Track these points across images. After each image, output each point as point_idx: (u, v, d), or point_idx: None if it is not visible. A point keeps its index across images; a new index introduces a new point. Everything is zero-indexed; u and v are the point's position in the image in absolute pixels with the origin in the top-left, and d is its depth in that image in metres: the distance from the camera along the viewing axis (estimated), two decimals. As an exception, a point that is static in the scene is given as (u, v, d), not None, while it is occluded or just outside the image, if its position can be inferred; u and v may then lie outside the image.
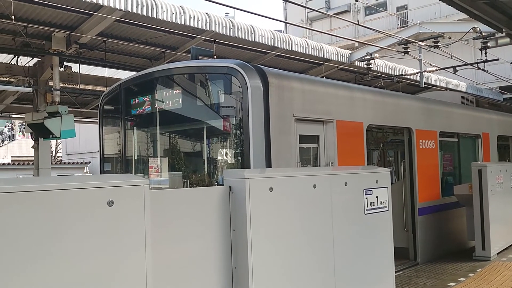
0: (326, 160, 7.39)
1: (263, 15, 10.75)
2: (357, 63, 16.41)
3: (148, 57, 13.17)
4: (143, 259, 3.35)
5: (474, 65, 16.36)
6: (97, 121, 8.62)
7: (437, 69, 16.70)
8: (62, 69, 11.93)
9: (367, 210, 5.53)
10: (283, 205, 4.54)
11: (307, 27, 31.04)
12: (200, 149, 7.57)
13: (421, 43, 15.56)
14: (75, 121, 11.95)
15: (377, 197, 5.69)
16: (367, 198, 5.54)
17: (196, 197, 4.12)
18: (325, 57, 15.12)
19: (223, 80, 6.79)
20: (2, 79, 13.48)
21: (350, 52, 16.54)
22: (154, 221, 3.48)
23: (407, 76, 17.89)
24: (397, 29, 27.68)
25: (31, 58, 12.39)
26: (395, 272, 6.24)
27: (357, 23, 15.57)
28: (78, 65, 12.25)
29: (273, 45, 13.26)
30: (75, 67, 12.50)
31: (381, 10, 31.59)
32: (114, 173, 8.07)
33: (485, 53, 14.37)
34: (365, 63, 15.83)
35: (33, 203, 2.86)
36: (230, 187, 4.25)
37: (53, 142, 32.06)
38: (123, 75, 12.59)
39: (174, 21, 10.68)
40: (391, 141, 12.10)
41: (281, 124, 6.63)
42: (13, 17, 9.27)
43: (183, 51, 12.68)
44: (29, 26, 10.45)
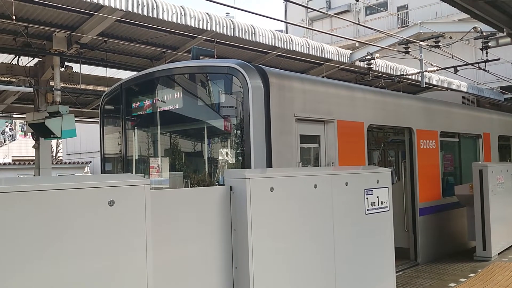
0: (327, 160, 7.39)
1: (263, 15, 10.74)
2: (357, 63, 16.40)
3: (148, 57, 13.18)
4: (144, 258, 3.35)
5: (475, 65, 16.35)
6: (98, 121, 8.63)
7: (438, 69, 16.70)
8: (63, 69, 11.95)
9: (367, 210, 5.52)
10: (283, 205, 4.54)
11: (307, 27, 31.04)
12: (200, 149, 7.57)
13: (422, 43, 15.56)
14: (75, 121, 11.95)
15: (377, 197, 5.68)
16: (367, 198, 5.54)
17: (196, 197, 4.11)
18: (326, 57, 15.12)
19: (224, 80, 6.78)
20: (3, 79, 13.50)
21: (350, 52, 16.53)
22: (155, 221, 3.48)
23: (407, 76, 17.89)
24: (398, 29, 27.67)
25: (32, 58, 12.41)
26: (396, 272, 6.24)
27: (357, 23, 15.57)
28: (79, 65, 12.26)
29: (273, 45, 13.26)
30: (76, 67, 12.53)
31: (381, 10, 31.58)
32: (114, 173, 8.07)
33: (486, 53, 14.36)
34: (365, 63, 15.83)
35: (34, 203, 2.86)
36: (231, 187, 4.24)
37: (54, 142, 32.07)
38: (124, 75, 12.59)
39: (174, 21, 10.69)
40: (391, 141, 12.09)
41: (282, 124, 6.63)
42: (14, 17, 9.28)
43: (183, 51, 12.69)
44: (30, 26, 10.46)
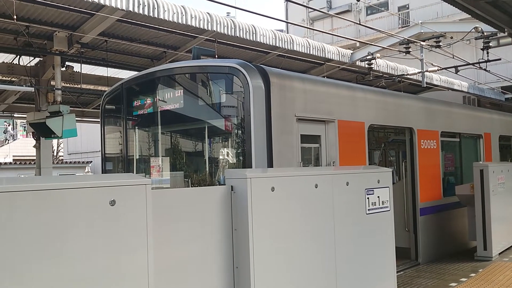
0: (327, 160, 7.38)
1: (264, 15, 10.74)
2: (358, 63, 16.40)
3: (149, 56, 13.18)
4: (145, 258, 3.35)
5: (475, 65, 16.34)
6: (99, 120, 8.63)
7: (439, 69, 16.69)
8: (63, 69, 11.96)
9: (368, 210, 5.52)
10: (284, 205, 4.53)
11: (308, 27, 31.04)
12: (201, 148, 7.57)
13: (422, 43, 15.55)
14: (76, 120, 11.97)
15: (378, 197, 5.68)
16: (368, 198, 5.54)
17: (197, 196, 4.12)
18: (327, 57, 15.13)
19: (225, 79, 6.78)
20: (4, 78, 13.51)
21: (351, 52, 16.53)
22: (155, 220, 3.48)
23: (408, 76, 17.88)
24: (399, 29, 27.67)
25: (33, 57, 12.42)
26: (397, 272, 6.24)
27: (358, 23, 15.57)
28: (79, 64, 12.28)
29: (274, 45, 13.26)
30: (76, 67, 12.53)
31: (382, 9, 31.56)
32: (115, 173, 8.07)
33: (487, 53, 14.35)
34: (366, 63, 15.83)
35: (35, 203, 2.86)
36: (231, 186, 4.25)
37: (55, 141, 32.09)
38: (125, 74, 12.60)
39: (175, 20, 10.69)
40: (392, 141, 12.09)
41: (283, 124, 6.63)
42: (15, 17, 9.28)
43: (184, 51, 12.69)
44: (31, 25, 10.47)
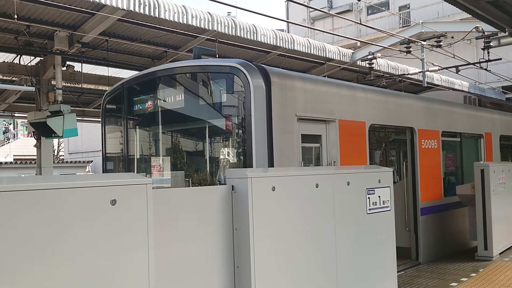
0: (328, 159, 7.38)
1: (265, 15, 10.74)
2: (359, 63, 16.40)
3: (150, 56, 13.19)
4: (145, 257, 3.35)
5: (476, 64, 16.33)
6: (99, 120, 8.63)
7: (440, 68, 16.69)
8: (64, 68, 11.97)
9: (369, 209, 5.52)
10: (285, 205, 4.53)
11: (309, 26, 31.01)
12: (202, 148, 7.57)
13: (423, 42, 15.55)
14: (77, 120, 11.97)
15: (379, 196, 5.68)
16: (369, 197, 5.53)
17: (198, 196, 4.11)
18: (327, 56, 15.13)
19: (226, 79, 6.78)
20: (4, 78, 13.51)
21: (352, 51, 16.53)
22: (156, 220, 3.48)
23: (409, 75, 17.88)
24: (400, 28, 27.65)
25: (34, 57, 12.42)
26: (397, 271, 6.24)
27: (359, 22, 15.56)
28: (80, 64, 12.28)
29: (275, 44, 13.26)
30: (77, 66, 12.53)
31: (383, 9, 31.55)
32: (116, 172, 8.07)
33: (488, 52, 14.34)
34: (367, 62, 15.83)
35: (35, 202, 2.86)
36: (232, 186, 4.24)
37: (56, 141, 32.11)
38: (125, 74, 12.61)
39: (176, 20, 10.69)
40: (393, 141, 12.09)
41: (284, 123, 6.63)
42: (16, 17, 9.29)
43: (185, 51, 12.69)
44: (31, 25, 10.47)
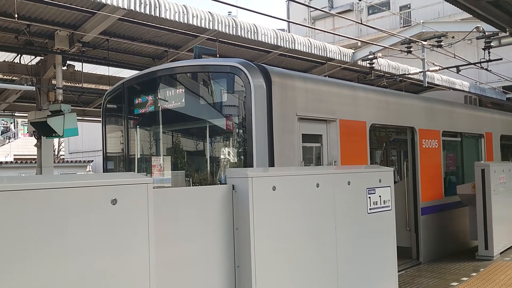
0: (329, 159, 7.38)
1: (266, 14, 10.73)
2: (360, 62, 16.40)
3: (151, 56, 13.18)
4: (146, 257, 3.35)
5: (477, 64, 16.33)
6: (100, 119, 8.63)
7: (440, 68, 16.69)
8: (65, 68, 11.96)
9: (370, 209, 5.52)
10: (286, 204, 4.53)
11: (310, 26, 31.01)
12: (203, 148, 7.56)
13: (424, 42, 15.54)
14: (78, 119, 11.97)
15: (380, 196, 5.68)
16: (370, 197, 5.53)
17: (199, 195, 4.11)
18: (328, 56, 15.12)
19: (226, 79, 6.78)
20: (5, 77, 13.51)
21: (353, 51, 16.52)
22: (157, 219, 3.47)
23: (410, 75, 17.87)
24: (400, 28, 27.64)
25: (34, 56, 12.42)
26: (398, 271, 6.23)
27: (360, 22, 15.57)
28: (81, 63, 12.27)
29: (276, 44, 13.25)
30: (78, 66, 12.52)
31: (384, 9, 31.54)
32: (117, 172, 8.06)
33: (488, 52, 14.34)
34: (368, 62, 15.82)
35: (36, 201, 2.86)
36: (233, 186, 4.24)
37: (56, 140, 32.11)
38: (126, 74, 12.60)
39: (177, 20, 10.69)
40: (394, 141, 12.08)
41: (284, 123, 6.62)
42: (16, 16, 9.29)
43: (186, 50, 12.69)
44: (32, 24, 10.47)
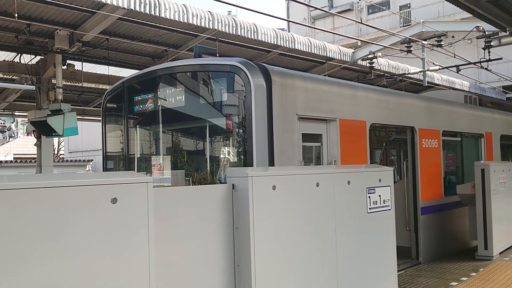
0: (329, 158, 7.38)
1: (266, 14, 10.70)
2: (359, 62, 16.39)
3: (150, 55, 13.17)
4: (146, 256, 3.35)
5: (477, 64, 16.32)
6: (100, 119, 8.63)
7: (440, 68, 16.68)
8: (65, 67, 11.96)
9: (370, 208, 5.52)
10: (286, 204, 4.53)
11: (310, 25, 31.00)
12: (202, 147, 7.56)
13: (424, 42, 15.54)
14: (77, 119, 11.97)
15: (380, 196, 5.68)
16: (370, 196, 5.53)
17: (199, 195, 4.11)
18: (328, 55, 15.12)
19: (226, 78, 6.78)
20: (5, 77, 13.50)
21: (353, 50, 16.52)
22: (157, 218, 3.48)
23: (410, 75, 17.87)
24: (400, 27, 27.62)
25: (34, 56, 12.41)
26: (398, 271, 6.24)
27: (360, 21, 15.56)
28: (81, 63, 12.27)
29: (276, 43, 13.25)
30: (78, 65, 12.52)
31: (384, 8, 31.53)
32: (116, 171, 8.06)
33: (488, 52, 14.33)
34: (368, 62, 15.81)
35: (36, 200, 2.86)
36: (233, 185, 4.24)
37: (56, 140, 32.11)
38: (126, 73, 12.60)
39: (177, 19, 10.69)
40: (394, 140, 12.08)
41: (284, 122, 6.62)
42: (16, 15, 9.29)
43: (186, 49, 12.69)
44: (32, 24, 10.46)
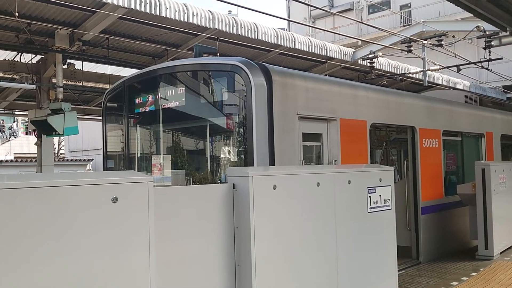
0: (329, 158, 7.37)
1: (266, 13, 10.68)
2: (360, 62, 16.38)
3: (151, 54, 13.17)
4: (146, 255, 3.35)
5: (477, 64, 16.31)
6: (100, 118, 8.63)
7: (441, 67, 16.67)
8: (65, 66, 11.96)
9: (370, 208, 5.52)
10: (286, 203, 4.53)
11: (310, 25, 30.99)
12: (203, 147, 7.56)
13: (424, 41, 15.53)
14: (78, 118, 11.96)
15: (380, 195, 5.67)
16: (370, 196, 5.53)
17: (199, 194, 4.11)
18: (328, 55, 15.11)
19: (227, 77, 6.77)
20: (5, 76, 13.50)
21: (353, 50, 16.51)
22: (157, 218, 3.48)
23: (410, 74, 17.86)
24: (401, 27, 27.60)
25: (35, 55, 12.41)
26: (398, 270, 6.23)
27: (360, 21, 15.56)
28: (81, 62, 12.27)
29: (276, 43, 13.24)
30: (78, 64, 12.52)
31: (384, 8, 31.52)
32: (117, 171, 8.06)
33: (489, 52, 14.32)
34: (368, 61, 15.81)
35: (37, 199, 2.86)
36: (233, 184, 4.24)
37: (56, 139, 32.10)
38: (126, 72, 12.61)
39: (177, 18, 10.68)
40: (394, 140, 12.07)
41: (285, 122, 6.62)
42: (17, 14, 9.28)
43: (186, 49, 12.68)
44: (32, 23, 10.46)
